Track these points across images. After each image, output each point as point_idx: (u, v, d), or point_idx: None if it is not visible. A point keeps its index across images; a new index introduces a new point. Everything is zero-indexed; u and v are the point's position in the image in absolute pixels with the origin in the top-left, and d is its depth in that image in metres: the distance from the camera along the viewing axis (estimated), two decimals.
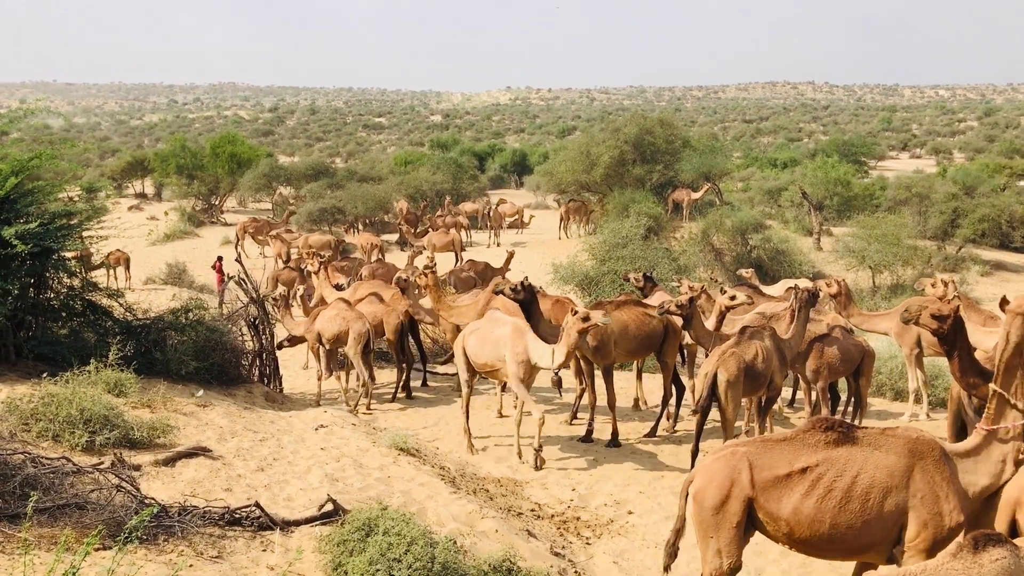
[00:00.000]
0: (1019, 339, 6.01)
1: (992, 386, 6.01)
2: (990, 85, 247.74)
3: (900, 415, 12.42)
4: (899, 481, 5.59)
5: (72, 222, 11.56)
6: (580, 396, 11.99)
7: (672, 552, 6.09)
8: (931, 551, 5.43)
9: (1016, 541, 4.98)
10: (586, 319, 9.61)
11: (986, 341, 9.67)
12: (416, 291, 13.65)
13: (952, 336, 7.37)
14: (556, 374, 10.12)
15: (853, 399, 11.66)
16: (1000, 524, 5.60)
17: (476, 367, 10.90)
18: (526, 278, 11.13)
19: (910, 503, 5.55)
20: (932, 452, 5.70)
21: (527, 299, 10.92)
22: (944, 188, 32.10)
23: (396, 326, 13.63)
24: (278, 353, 13.92)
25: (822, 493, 5.56)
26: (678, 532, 6.12)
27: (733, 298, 11.01)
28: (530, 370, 10.25)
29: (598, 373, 11.53)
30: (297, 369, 16.17)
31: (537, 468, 10.22)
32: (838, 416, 11.76)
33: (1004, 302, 6.36)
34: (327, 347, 13.34)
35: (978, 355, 8.96)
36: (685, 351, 11.88)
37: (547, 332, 11.23)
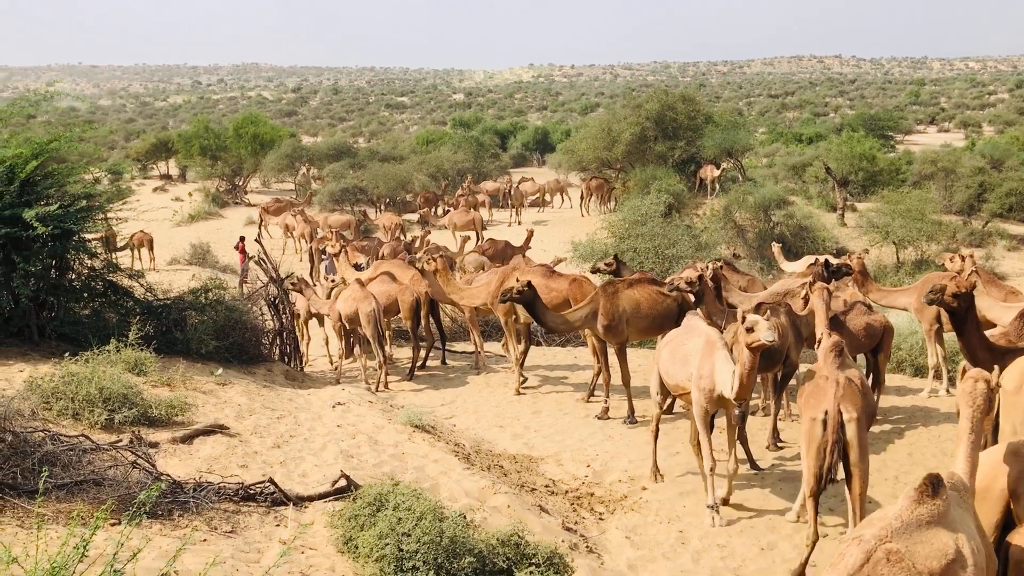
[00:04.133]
0: None
1: None
2: (1022, 56, 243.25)
3: (919, 391, 12.35)
4: None
5: (93, 204, 11.72)
6: (597, 375, 12.02)
7: None
8: None
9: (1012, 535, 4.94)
10: (751, 330, 7.44)
11: (1004, 317, 9.61)
12: (444, 272, 13.69)
13: (964, 313, 7.37)
14: (740, 407, 8.50)
15: (871, 375, 11.61)
16: (993, 516, 5.54)
17: (669, 388, 8.78)
18: (527, 281, 10.97)
19: None
20: None
21: (531, 298, 10.82)
22: (971, 162, 31.64)
23: (411, 305, 13.71)
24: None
25: None
26: None
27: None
28: (714, 401, 8.08)
29: (613, 351, 11.54)
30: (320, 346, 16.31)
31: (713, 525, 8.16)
32: None
33: None
34: (347, 327, 13.47)
35: (997, 331, 8.95)
36: None
37: (556, 323, 11.26)
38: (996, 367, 6.46)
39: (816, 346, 10.78)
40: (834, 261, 11.97)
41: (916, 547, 4.17)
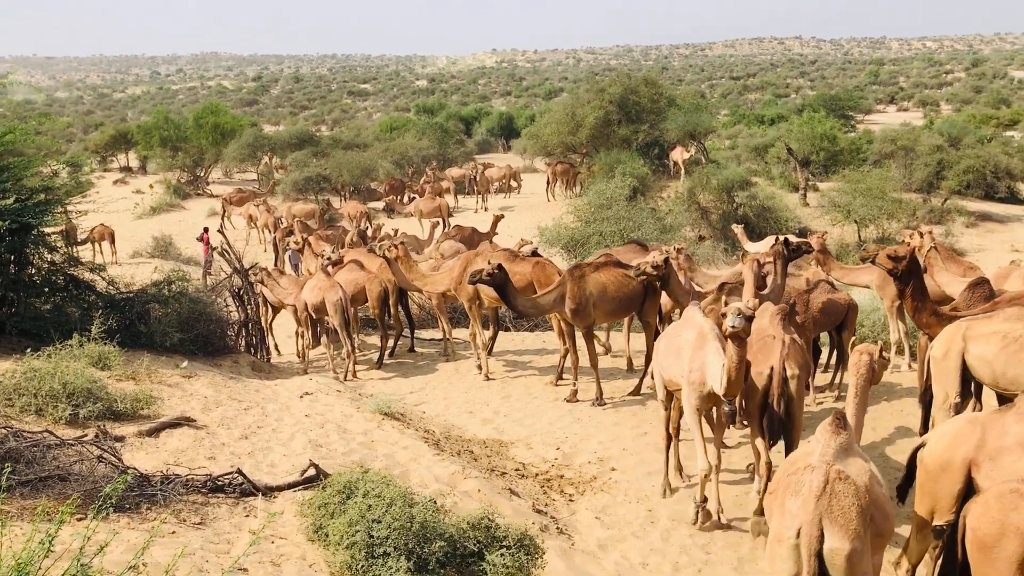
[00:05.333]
0: None
1: None
2: (977, 35, 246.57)
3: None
4: None
5: (52, 197, 11.55)
6: (564, 357, 12.07)
7: None
8: None
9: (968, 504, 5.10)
10: (725, 316, 7.03)
11: (952, 286, 9.95)
12: (405, 259, 13.63)
13: (906, 276, 7.95)
14: (730, 404, 8.04)
15: (836, 353, 11.76)
16: (955, 486, 5.66)
17: (666, 384, 8.31)
18: (499, 264, 10.97)
19: None
20: None
21: (502, 281, 10.82)
22: (930, 140, 32.11)
23: (378, 294, 13.68)
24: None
25: None
26: None
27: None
28: (705, 397, 7.66)
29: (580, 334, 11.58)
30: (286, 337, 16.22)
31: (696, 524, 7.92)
32: (819, 370, 11.89)
33: None
34: (314, 316, 13.41)
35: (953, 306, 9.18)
36: (661, 311, 11.88)
37: (526, 307, 11.30)
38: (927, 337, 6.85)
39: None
40: (794, 240, 12.10)
41: (848, 468, 5.01)
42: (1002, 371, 7.39)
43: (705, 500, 7.85)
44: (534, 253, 13.82)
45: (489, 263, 11.04)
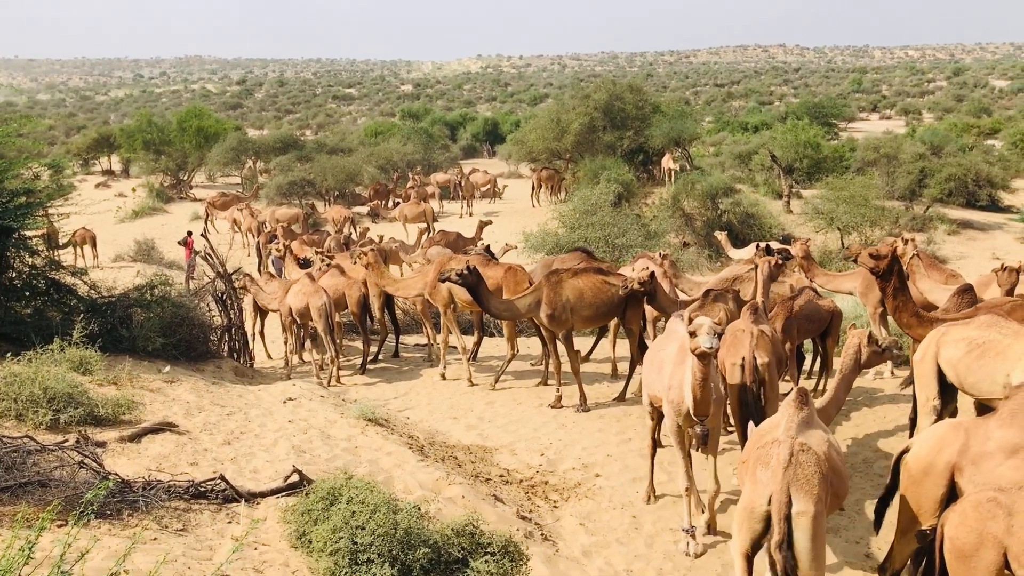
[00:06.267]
0: None
1: None
2: (959, 44, 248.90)
3: (865, 373, 12.58)
4: None
5: (33, 200, 11.46)
6: (543, 359, 12.09)
7: None
8: None
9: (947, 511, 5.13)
10: (694, 334, 6.64)
11: (944, 298, 9.97)
12: (376, 265, 13.63)
13: (888, 276, 8.17)
14: (702, 426, 7.20)
15: (819, 360, 11.81)
16: (938, 490, 5.69)
17: (651, 400, 8.08)
18: (470, 263, 11.02)
19: None
20: None
21: (475, 282, 10.82)
22: (912, 148, 32.32)
23: (358, 299, 13.66)
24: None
25: None
26: None
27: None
28: (685, 416, 7.33)
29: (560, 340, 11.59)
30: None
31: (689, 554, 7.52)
32: (803, 376, 11.93)
33: None
34: (298, 321, 13.37)
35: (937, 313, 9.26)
36: (645, 317, 11.92)
37: (499, 309, 11.32)
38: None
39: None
40: (775, 246, 12.18)
41: (810, 439, 5.61)
42: (964, 376, 7.48)
43: (694, 528, 7.53)
44: (486, 249, 14.03)
45: (467, 264, 11.10)
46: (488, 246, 15.11)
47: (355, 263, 13.72)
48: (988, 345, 7.40)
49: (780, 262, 10.47)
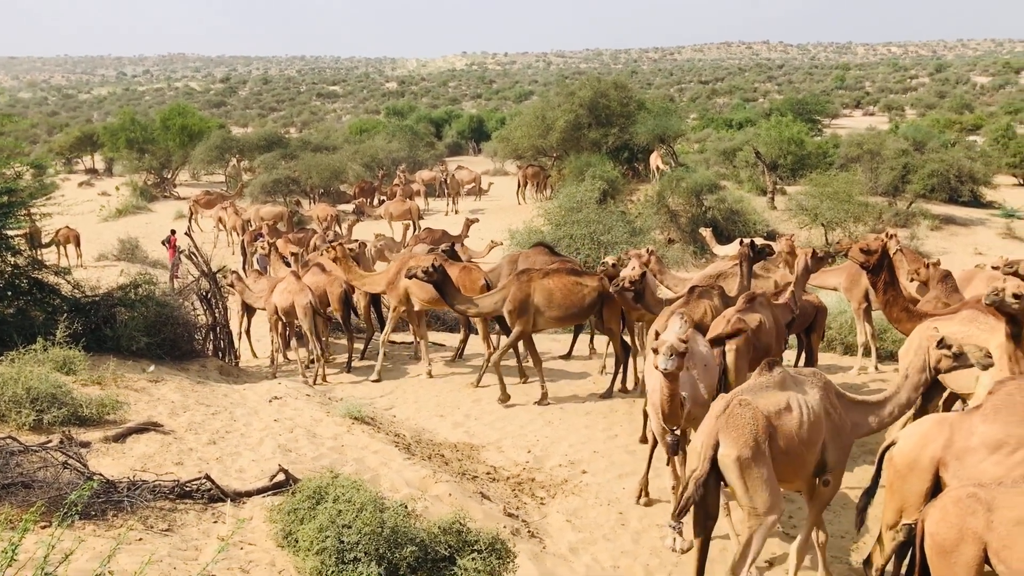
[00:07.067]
0: None
1: None
2: (941, 41, 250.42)
3: (850, 368, 12.67)
4: None
5: (15, 199, 11.37)
6: (519, 358, 12.22)
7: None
8: None
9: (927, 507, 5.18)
10: (655, 351, 6.72)
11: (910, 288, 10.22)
12: (344, 260, 13.60)
13: (878, 270, 8.28)
14: (673, 435, 7.23)
15: (804, 354, 11.87)
16: (923, 484, 5.74)
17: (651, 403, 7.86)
18: (436, 260, 11.08)
19: None
20: None
21: (440, 280, 10.93)
22: (895, 145, 32.53)
23: (339, 296, 13.64)
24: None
25: None
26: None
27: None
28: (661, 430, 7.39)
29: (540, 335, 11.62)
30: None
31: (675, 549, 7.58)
32: None
33: None
34: (284, 320, 13.33)
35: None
36: (624, 317, 11.95)
37: (464, 306, 11.44)
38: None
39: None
40: (759, 242, 12.23)
41: (759, 400, 6.21)
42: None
43: (680, 524, 7.48)
44: (450, 248, 14.28)
45: (434, 261, 11.19)
46: (452, 245, 15.17)
47: (321, 255, 13.74)
48: (966, 339, 7.47)
49: (820, 255, 10.57)
